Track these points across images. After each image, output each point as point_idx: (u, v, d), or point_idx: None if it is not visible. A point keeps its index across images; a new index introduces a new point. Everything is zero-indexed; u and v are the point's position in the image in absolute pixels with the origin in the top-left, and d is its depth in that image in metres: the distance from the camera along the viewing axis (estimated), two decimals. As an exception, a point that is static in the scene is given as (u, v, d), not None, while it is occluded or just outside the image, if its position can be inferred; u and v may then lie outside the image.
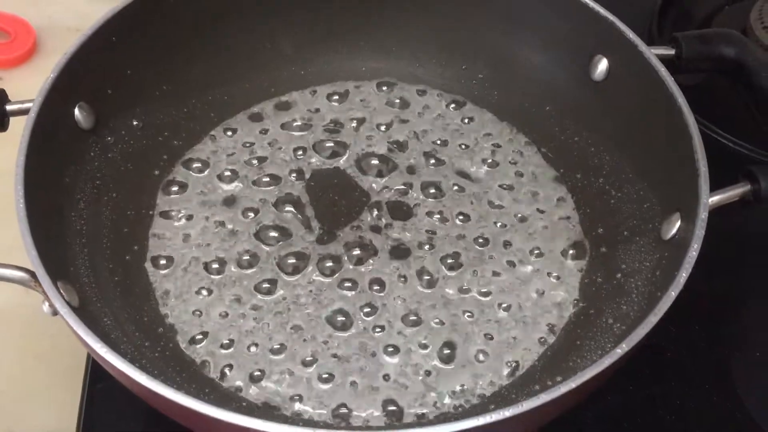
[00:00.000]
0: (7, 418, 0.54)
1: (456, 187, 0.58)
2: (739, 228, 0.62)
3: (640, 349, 0.42)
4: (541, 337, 0.52)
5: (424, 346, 0.51)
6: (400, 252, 0.55)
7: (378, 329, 0.51)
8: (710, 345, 0.58)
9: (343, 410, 0.48)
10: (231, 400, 0.48)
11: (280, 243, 0.55)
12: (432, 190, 0.58)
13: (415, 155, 0.60)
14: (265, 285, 0.53)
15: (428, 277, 0.54)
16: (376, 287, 0.53)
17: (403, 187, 0.58)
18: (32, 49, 0.73)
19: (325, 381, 0.49)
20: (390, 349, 0.51)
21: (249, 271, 0.54)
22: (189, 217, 0.56)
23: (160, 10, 0.56)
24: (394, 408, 0.48)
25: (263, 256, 0.54)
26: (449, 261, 0.55)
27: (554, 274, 0.54)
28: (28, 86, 0.51)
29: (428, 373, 0.50)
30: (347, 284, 0.53)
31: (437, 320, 0.52)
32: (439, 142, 0.61)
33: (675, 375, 0.56)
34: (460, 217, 0.57)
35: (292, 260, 0.54)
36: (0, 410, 0.54)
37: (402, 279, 0.54)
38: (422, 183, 0.58)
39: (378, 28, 0.63)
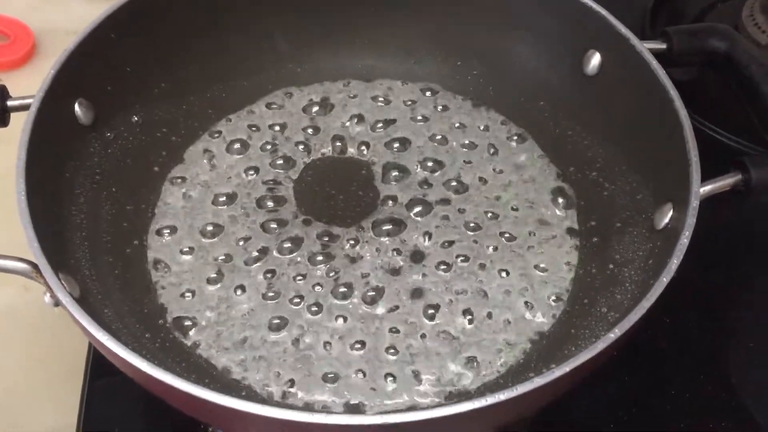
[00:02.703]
0: (9, 416, 0.55)
1: (451, 181, 0.59)
2: (734, 220, 0.63)
3: (634, 335, 0.43)
4: (537, 327, 0.52)
5: (420, 336, 0.51)
6: (396, 241, 0.55)
7: (376, 317, 0.52)
8: (705, 335, 0.58)
9: (345, 399, 0.49)
10: (230, 389, 0.49)
11: (282, 237, 0.55)
12: (427, 185, 0.59)
13: (411, 150, 0.61)
14: (268, 276, 0.54)
15: (422, 267, 0.54)
16: (373, 275, 0.54)
17: (400, 181, 0.59)
18: (31, 51, 0.74)
19: (329, 374, 0.50)
20: (389, 339, 0.51)
21: (252, 264, 0.54)
22: (189, 212, 0.57)
23: (159, 8, 0.57)
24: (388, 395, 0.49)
25: (263, 249, 0.55)
26: (443, 252, 0.55)
27: (549, 265, 0.55)
28: (27, 88, 0.51)
29: (423, 362, 0.50)
30: (349, 278, 0.54)
31: (432, 311, 0.52)
32: (434, 136, 0.61)
33: (670, 365, 0.57)
34: (455, 211, 0.57)
35: (295, 252, 0.55)
36: (1, 409, 0.55)
37: (397, 266, 0.54)
38: (418, 178, 0.59)
39: (374, 26, 0.63)
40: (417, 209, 0.57)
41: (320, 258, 0.55)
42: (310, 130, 0.62)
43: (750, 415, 0.56)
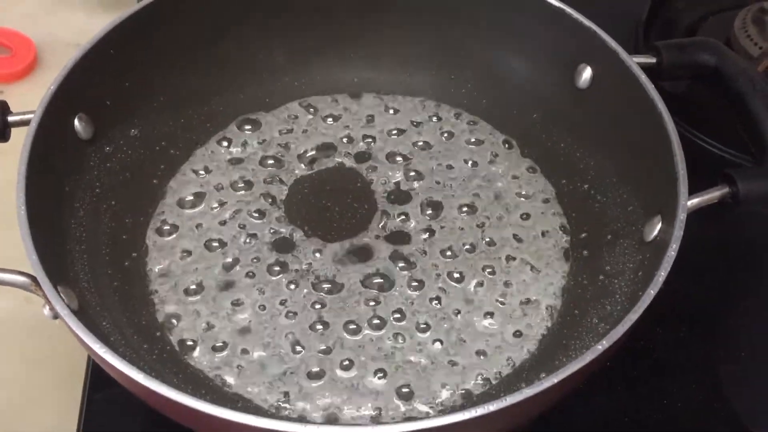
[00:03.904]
0: (8, 422, 0.55)
1: (442, 193, 0.59)
2: (726, 231, 0.63)
3: (623, 345, 0.43)
4: (528, 338, 0.52)
5: (411, 348, 0.52)
6: (394, 255, 0.56)
7: (367, 332, 0.53)
8: (697, 345, 0.58)
9: (335, 409, 0.49)
10: (227, 400, 0.49)
11: (281, 251, 0.56)
12: (420, 196, 0.59)
13: (404, 162, 0.61)
14: (264, 290, 0.54)
15: (414, 281, 0.55)
16: (365, 290, 0.54)
17: (395, 193, 0.59)
18: (33, 63, 0.74)
19: (317, 379, 0.50)
20: (378, 350, 0.52)
21: (248, 277, 0.55)
22: (188, 225, 0.57)
23: (157, 23, 0.57)
24: (382, 407, 0.50)
25: (260, 262, 0.56)
26: (434, 265, 0.56)
27: (540, 277, 0.55)
28: (29, 100, 0.51)
29: (416, 373, 0.51)
30: (345, 293, 0.54)
31: (424, 323, 0.53)
32: (427, 148, 0.62)
33: (662, 375, 0.57)
34: (446, 222, 0.58)
35: (292, 265, 0.55)
36: (1, 417, 0.55)
37: (389, 283, 0.55)
38: (412, 189, 0.60)
39: (369, 40, 0.64)
40: (411, 222, 0.58)
41: (315, 271, 0.55)
42: (306, 142, 0.62)
43: (742, 424, 0.56)
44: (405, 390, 0.50)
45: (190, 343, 0.52)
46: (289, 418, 0.49)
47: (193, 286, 0.54)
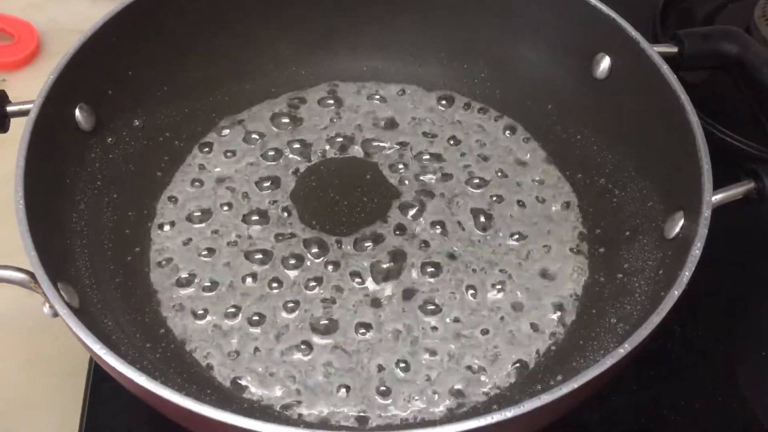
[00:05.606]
0: (10, 421, 0.54)
1: (457, 186, 0.58)
2: (745, 227, 0.62)
3: (644, 348, 0.42)
4: (544, 338, 0.51)
5: (426, 347, 0.51)
6: (397, 253, 0.55)
7: (380, 330, 0.51)
8: (715, 345, 0.57)
9: (344, 411, 0.48)
10: (232, 401, 0.48)
11: (285, 246, 0.55)
12: (431, 189, 0.58)
13: (415, 153, 0.60)
14: (271, 283, 0.53)
15: (425, 270, 0.54)
16: (375, 286, 0.53)
17: (405, 186, 0.58)
18: (35, 51, 0.74)
19: (326, 382, 0.49)
20: (393, 350, 0.51)
21: (252, 272, 0.54)
22: (192, 218, 0.56)
23: (160, 11, 0.56)
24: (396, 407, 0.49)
25: (265, 257, 0.54)
26: (450, 260, 0.54)
27: (557, 274, 0.54)
28: (31, 88, 0.51)
29: (431, 373, 0.50)
30: (357, 285, 0.53)
31: (437, 319, 0.52)
32: (440, 141, 0.61)
33: (680, 375, 0.56)
34: (459, 216, 0.57)
35: (298, 262, 0.54)
36: (2, 414, 0.54)
37: (401, 271, 0.54)
38: (422, 183, 0.58)
39: (377, 28, 0.63)
40: (423, 214, 0.57)
41: (323, 267, 0.54)
42: (313, 133, 0.61)
43: (762, 426, 0.55)
44: (420, 389, 0.49)
45: (194, 340, 0.51)
46: (294, 420, 0.48)
47: (198, 282, 0.53)
